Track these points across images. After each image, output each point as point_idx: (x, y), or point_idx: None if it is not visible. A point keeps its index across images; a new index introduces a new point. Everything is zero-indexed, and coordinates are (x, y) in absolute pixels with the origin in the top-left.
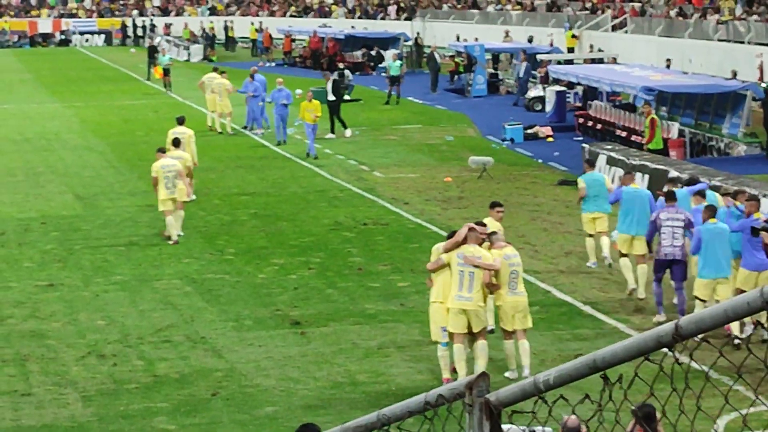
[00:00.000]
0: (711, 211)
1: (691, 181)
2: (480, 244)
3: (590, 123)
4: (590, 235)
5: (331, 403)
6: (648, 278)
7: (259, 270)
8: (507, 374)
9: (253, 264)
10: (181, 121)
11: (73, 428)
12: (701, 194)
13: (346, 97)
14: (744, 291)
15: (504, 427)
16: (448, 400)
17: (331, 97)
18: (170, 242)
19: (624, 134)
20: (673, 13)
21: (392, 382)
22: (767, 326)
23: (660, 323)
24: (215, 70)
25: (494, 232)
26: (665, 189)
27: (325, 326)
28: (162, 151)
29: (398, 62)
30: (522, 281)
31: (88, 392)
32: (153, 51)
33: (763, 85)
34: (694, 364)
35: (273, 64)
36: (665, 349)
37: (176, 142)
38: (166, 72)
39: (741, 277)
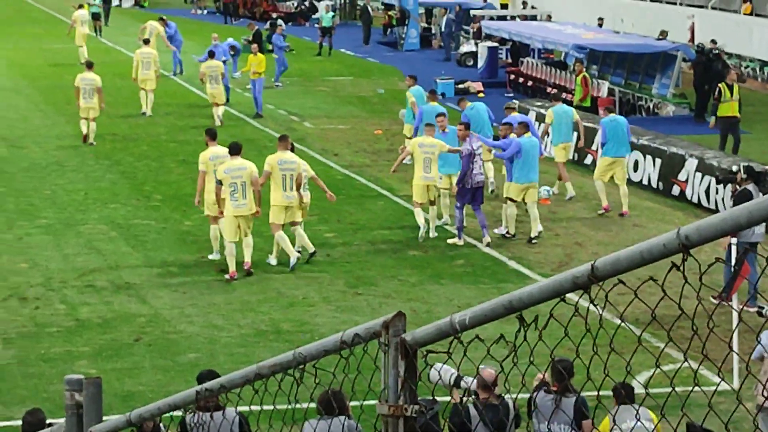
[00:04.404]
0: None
1: None
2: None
3: (521, 80)
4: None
5: (254, 351)
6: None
7: (186, 217)
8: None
9: (180, 211)
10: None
11: None
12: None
13: None
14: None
15: (437, 365)
16: (364, 339)
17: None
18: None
19: (554, 92)
20: None
21: (316, 332)
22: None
23: (457, 245)
24: (161, 20)
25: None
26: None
27: (251, 275)
28: (89, 65)
29: (331, 14)
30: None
31: (9, 335)
32: None
33: (695, 46)
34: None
35: (204, 12)
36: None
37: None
38: (96, 17)
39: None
